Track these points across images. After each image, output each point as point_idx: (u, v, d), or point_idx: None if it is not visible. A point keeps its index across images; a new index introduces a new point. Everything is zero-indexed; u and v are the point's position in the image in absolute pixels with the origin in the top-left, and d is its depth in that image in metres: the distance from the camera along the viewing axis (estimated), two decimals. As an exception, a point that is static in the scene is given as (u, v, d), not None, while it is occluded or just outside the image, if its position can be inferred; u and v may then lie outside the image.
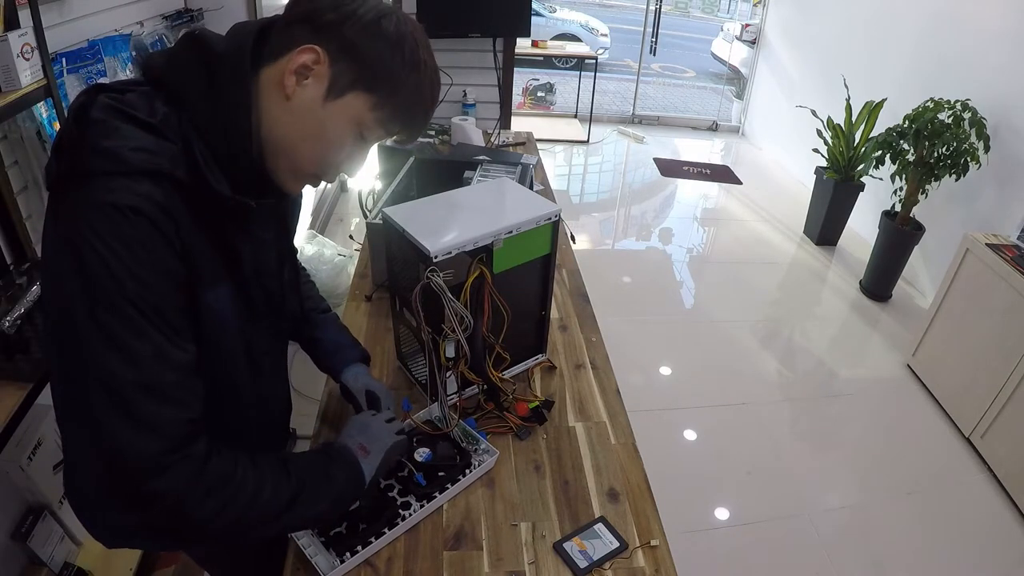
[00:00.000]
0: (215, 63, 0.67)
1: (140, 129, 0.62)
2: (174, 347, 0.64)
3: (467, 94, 3.02)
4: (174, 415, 0.63)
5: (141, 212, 0.59)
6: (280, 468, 0.75)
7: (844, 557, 1.99)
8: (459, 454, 1.03)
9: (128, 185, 0.60)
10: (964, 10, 3.33)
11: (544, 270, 1.18)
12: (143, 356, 0.61)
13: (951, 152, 2.98)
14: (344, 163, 0.77)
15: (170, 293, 0.63)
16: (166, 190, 0.62)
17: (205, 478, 0.65)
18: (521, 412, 1.13)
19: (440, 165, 1.80)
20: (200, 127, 0.66)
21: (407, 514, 0.93)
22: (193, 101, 0.66)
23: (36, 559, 1.43)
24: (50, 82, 1.44)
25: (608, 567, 0.89)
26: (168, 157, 0.63)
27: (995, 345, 2.33)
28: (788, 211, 4.43)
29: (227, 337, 0.75)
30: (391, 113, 0.73)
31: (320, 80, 0.69)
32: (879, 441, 2.51)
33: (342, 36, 0.68)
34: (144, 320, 0.61)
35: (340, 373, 1.08)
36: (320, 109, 0.70)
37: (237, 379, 0.80)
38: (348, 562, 0.86)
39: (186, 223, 0.64)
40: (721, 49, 7.34)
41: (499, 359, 1.14)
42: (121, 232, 0.59)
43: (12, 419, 1.24)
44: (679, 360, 2.90)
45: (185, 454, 0.64)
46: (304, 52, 0.67)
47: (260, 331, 0.82)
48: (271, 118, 0.70)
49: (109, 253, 0.58)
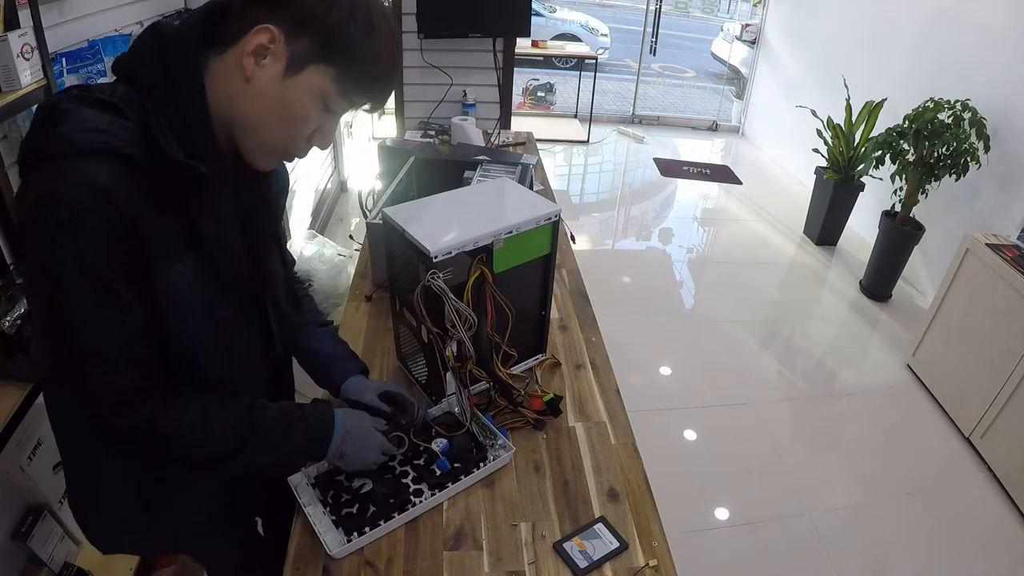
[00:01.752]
0: (166, 42, 0.70)
1: (99, 109, 0.66)
2: (114, 318, 0.69)
3: (467, 94, 3.02)
4: (110, 381, 0.71)
5: (82, 201, 0.63)
6: (240, 416, 0.83)
7: (844, 557, 1.99)
8: (476, 447, 1.05)
9: (75, 168, 0.63)
10: (964, 10, 3.33)
11: (544, 270, 1.18)
12: (81, 327, 0.68)
13: (951, 152, 2.98)
14: (314, 137, 0.78)
15: (112, 269, 0.67)
16: (114, 168, 0.65)
17: (145, 435, 0.76)
18: (536, 406, 1.14)
19: (440, 165, 1.80)
20: (157, 104, 0.69)
21: (418, 501, 0.95)
22: (148, 79, 0.69)
23: (36, 559, 1.43)
24: (50, 82, 1.44)
25: (608, 567, 0.89)
26: (121, 135, 0.66)
27: (995, 345, 2.33)
28: (788, 211, 4.43)
29: (189, 311, 0.76)
30: (353, 83, 0.74)
31: (278, 58, 0.70)
32: (879, 441, 2.51)
33: (295, 11, 0.69)
34: (82, 293, 0.67)
35: (340, 386, 1.07)
36: (281, 86, 0.71)
37: (201, 354, 0.80)
38: (355, 541, 0.88)
39: (135, 200, 0.66)
40: (721, 49, 7.34)
41: (506, 357, 1.15)
42: (63, 221, 0.63)
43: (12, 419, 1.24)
44: (679, 360, 2.90)
45: (123, 416, 0.73)
46: (259, 32, 0.69)
47: (230, 309, 0.82)
48: (234, 101, 0.72)
49: (52, 236, 0.64)
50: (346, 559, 0.88)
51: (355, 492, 0.95)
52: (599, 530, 0.94)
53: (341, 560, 0.88)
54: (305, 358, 1.09)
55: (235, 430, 0.82)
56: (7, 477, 1.37)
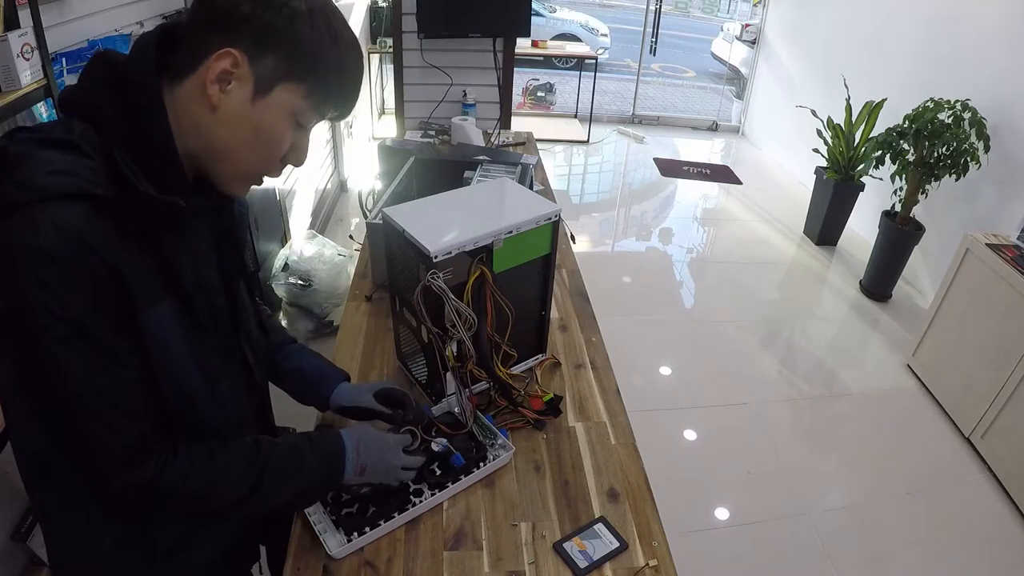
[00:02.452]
0: (120, 73, 0.66)
1: (57, 150, 0.62)
2: (107, 376, 0.65)
3: (467, 94, 3.02)
4: (113, 445, 0.67)
5: (56, 251, 0.59)
6: (249, 458, 0.78)
7: (844, 557, 1.99)
8: (475, 447, 1.05)
9: (45, 215, 0.59)
10: (964, 10, 3.33)
11: (544, 270, 1.18)
12: (75, 391, 0.64)
13: (951, 152, 2.98)
14: (289, 155, 0.75)
15: (97, 320, 0.63)
16: (88, 211, 0.61)
17: (155, 494, 0.70)
18: (536, 407, 1.14)
19: (440, 165, 1.80)
20: (119, 136, 0.65)
21: (418, 500, 0.95)
22: (107, 115, 0.65)
23: (36, 559, 1.43)
24: (50, 82, 1.45)
25: (608, 567, 0.89)
26: (87, 175, 0.61)
27: (995, 345, 2.33)
28: (788, 211, 4.43)
29: (175, 359, 0.72)
30: (324, 95, 0.72)
31: (244, 82, 0.67)
32: (879, 441, 2.51)
33: (254, 29, 0.66)
34: (71, 351, 0.62)
35: (330, 396, 1.03)
36: (251, 111, 0.68)
37: (193, 402, 0.76)
38: (355, 541, 0.88)
39: (110, 244, 0.62)
40: (721, 49, 7.34)
41: (506, 357, 1.15)
42: (39, 275, 0.59)
43: (12, 419, 1.24)
44: (679, 360, 2.90)
45: (127, 480, 0.68)
46: (221, 58, 0.65)
47: (209, 351, 0.78)
48: (202, 130, 0.69)
49: (31, 295, 0.59)
50: (346, 559, 0.88)
51: (355, 492, 0.95)
52: (599, 530, 0.94)
53: (341, 560, 0.88)
54: (288, 377, 1.05)
55: (247, 472, 0.77)
56: (7, 477, 1.37)
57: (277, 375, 1.04)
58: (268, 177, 0.77)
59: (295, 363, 1.05)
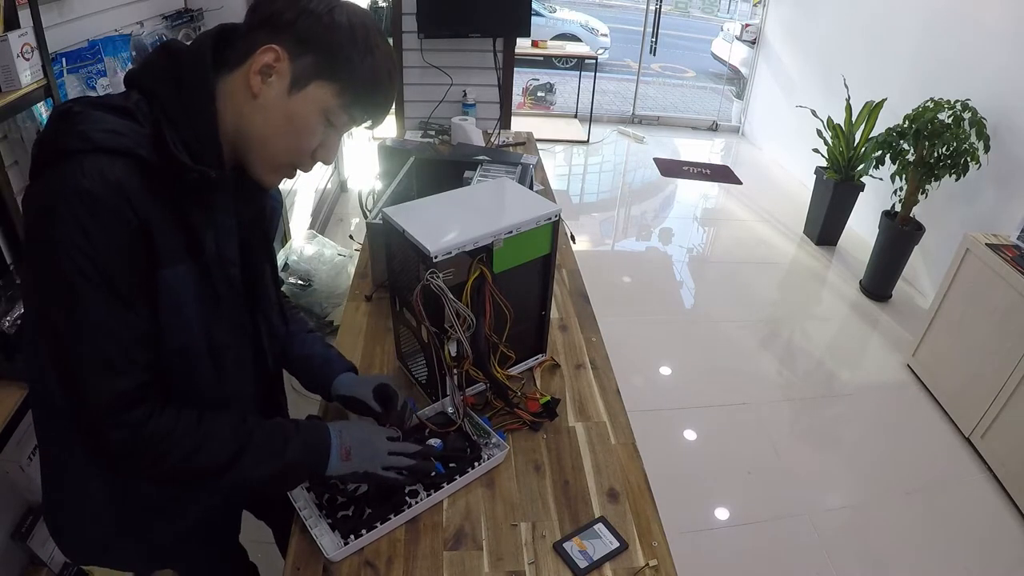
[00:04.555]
0: (179, 61, 0.74)
1: (112, 114, 0.70)
2: (118, 319, 0.70)
3: (467, 94, 3.02)
4: (109, 386, 0.70)
5: (98, 193, 0.65)
6: (235, 428, 0.82)
7: (844, 557, 1.99)
8: (470, 446, 1.05)
9: (93, 164, 0.66)
10: (964, 10, 3.33)
11: (544, 270, 1.18)
12: (85, 328, 0.68)
13: (951, 152, 2.98)
14: (318, 151, 0.82)
15: (120, 267, 0.68)
16: (129, 167, 0.68)
17: (139, 442, 0.73)
18: (532, 409, 1.14)
19: (440, 165, 1.80)
20: (169, 114, 0.72)
21: (413, 502, 0.94)
22: (162, 94, 0.72)
23: (36, 559, 1.43)
24: (50, 82, 1.45)
25: (608, 567, 0.89)
26: (133, 138, 0.69)
27: (995, 345, 2.33)
28: (788, 211, 4.43)
29: (186, 322, 0.77)
30: (354, 96, 0.79)
31: (283, 76, 0.75)
32: (879, 441, 2.51)
33: (298, 32, 0.74)
34: (91, 291, 0.67)
35: (332, 383, 1.06)
36: (286, 102, 0.76)
37: (194, 369, 0.81)
38: (351, 544, 0.88)
39: (145, 200, 0.69)
40: (721, 49, 7.34)
41: (504, 358, 1.15)
42: (77, 213, 0.65)
43: (12, 419, 1.25)
44: (679, 360, 2.90)
45: (118, 421, 0.72)
46: (265, 52, 0.74)
47: (221, 321, 0.82)
48: (242, 117, 0.76)
49: (66, 231, 0.65)
50: (346, 559, 0.88)
51: (350, 494, 0.95)
52: (599, 530, 0.94)
53: (340, 561, 0.88)
54: (296, 364, 1.09)
55: (231, 440, 0.80)
56: (7, 477, 1.37)
57: (289, 361, 1.09)
58: (300, 170, 0.84)
59: (306, 351, 1.09)
